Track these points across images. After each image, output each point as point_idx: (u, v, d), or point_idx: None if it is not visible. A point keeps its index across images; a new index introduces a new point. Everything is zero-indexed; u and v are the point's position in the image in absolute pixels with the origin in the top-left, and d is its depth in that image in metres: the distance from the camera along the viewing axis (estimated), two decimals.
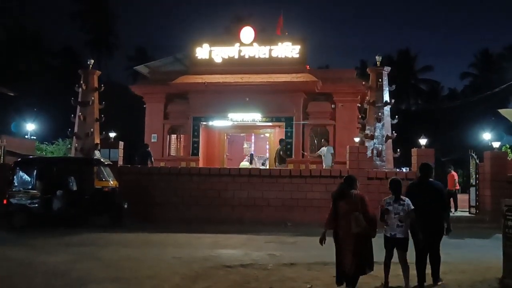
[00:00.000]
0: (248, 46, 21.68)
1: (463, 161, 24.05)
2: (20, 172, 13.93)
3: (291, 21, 47.11)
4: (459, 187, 19.49)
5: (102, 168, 14.08)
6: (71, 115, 18.95)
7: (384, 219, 6.73)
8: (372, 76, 18.23)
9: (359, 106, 21.35)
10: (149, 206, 15.05)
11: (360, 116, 20.73)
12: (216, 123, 21.95)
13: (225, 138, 23.09)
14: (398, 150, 18.55)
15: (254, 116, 21.21)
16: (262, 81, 20.79)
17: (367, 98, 18.56)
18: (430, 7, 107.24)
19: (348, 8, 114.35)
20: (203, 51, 22.03)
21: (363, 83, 19.44)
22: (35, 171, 13.82)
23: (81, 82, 18.66)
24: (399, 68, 42.07)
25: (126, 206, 13.86)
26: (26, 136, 27.11)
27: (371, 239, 6.45)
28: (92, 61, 19.41)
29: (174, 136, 23.38)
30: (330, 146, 17.98)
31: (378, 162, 17.08)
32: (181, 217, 14.78)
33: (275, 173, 15.46)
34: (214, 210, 15.00)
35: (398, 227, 6.67)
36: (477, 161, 16.49)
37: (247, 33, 21.98)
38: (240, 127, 22.59)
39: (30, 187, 13.68)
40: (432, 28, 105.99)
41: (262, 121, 21.45)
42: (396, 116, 18.54)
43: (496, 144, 18.18)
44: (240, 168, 16.70)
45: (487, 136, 30.23)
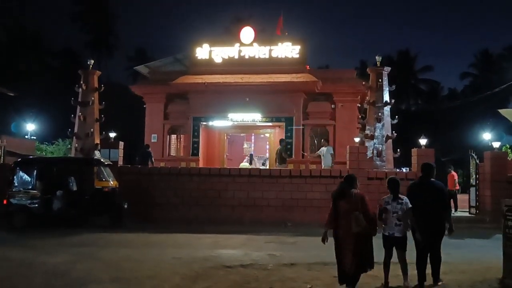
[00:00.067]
0: (248, 46, 21.68)
1: (463, 161, 24.04)
2: (20, 172, 13.92)
3: (291, 21, 47.21)
4: (459, 187, 19.48)
5: (102, 168, 14.08)
6: (71, 115, 18.97)
7: (382, 218, 6.74)
8: (372, 76, 18.24)
9: (359, 106, 21.36)
10: (149, 206, 15.05)
11: (360, 116, 20.74)
12: (216, 123, 21.95)
13: (225, 138, 23.09)
14: (398, 150, 18.56)
15: (254, 116, 21.21)
16: (262, 81, 20.80)
17: (367, 98, 18.57)
18: (430, 7, 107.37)
19: (348, 8, 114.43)
20: (203, 51, 22.04)
21: (363, 83, 19.44)
22: (35, 171, 13.81)
23: (81, 82, 18.68)
24: (399, 68, 42.04)
25: (126, 206, 13.85)
26: (26, 136, 27.11)
27: (371, 238, 6.46)
28: (92, 61, 19.43)
29: (174, 136, 23.39)
30: (330, 147, 17.98)
31: (378, 162, 17.09)
32: (181, 217, 14.78)
33: (275, 173, 15.46)
34: (214, 210, 14.99)
35: (396, 226, 6.70)
36: (477, 161, 16.48)
37: (247, 33, 21.98)
38: (240, 127, 22.59)
39: (30, 187, 13.67)
40: (432, 28, 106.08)
41: (262, 121, 21.44)
42: (396, 116, 18.54)
43: (496, 144, 18.16)
44: (240, 168, 16.69)
45: (487, 136, 30.23)
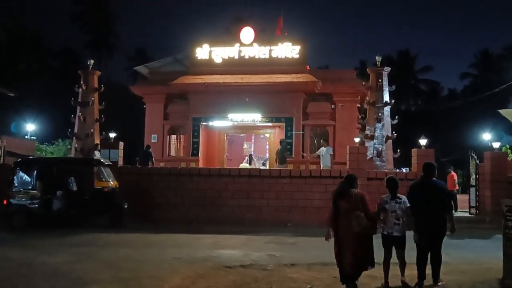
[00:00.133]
0: (248, 47, 21.70)
1: (463, 161, 24.03)
2: (20, 172, 13.92)
3: (291, 21, 47.14)
4: (458, 188, 19.48)
5: (102, 168, 14.08)
6: (71, 115, 18.97)
7: (380, 218, 6.75)
8: (372, 77, 18.24)
9: (359, 106, 21.36)
10: (149, 206, 15.05)
11: (360, 117, 20.74)
12: (216, 123, 21.95)
13: (225, 138, 23.10)
14: (398, 150, 18.57)
15: (254, 117, 21.22)
16: (262, 81, 20.81)
17: (367, 98, 18.56)
18: (430, 7, 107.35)
19: (348, 8, 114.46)
20: (203, 52, 22.05)
21: (363, 83, 19.44)
22: (35, 171, 13.81)
23: (81, 83, 18.69)
24: (399, 69, 42.04)
25: (126, 207, 13.85)
26: (26, 137, 27.09)
27: (372, 236, 6.48)
28: (92, 61, 19.43)
29: (174, 137, 23.40)
30: (329, 147, 17.96)
31: (378, 163, 17.09)
32: (181, 217, 14.78)
33: (275, 173, 15.45)
34: (214, 210, 14.99)
35: (395, 225, 6.70)
36: (477, 161, 16.47)
37: (247, 33, 21.99)
38: (240, 128, 22.59)
39: (30, 187, 13.66)
40: (432, 28, 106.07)
41: (262, 121, 21.45)
42: (396, 117, 18.54)
43: (496, 145, 18.18)
44: (240, 169, 16.69)
45: (487, 136, 30.25)
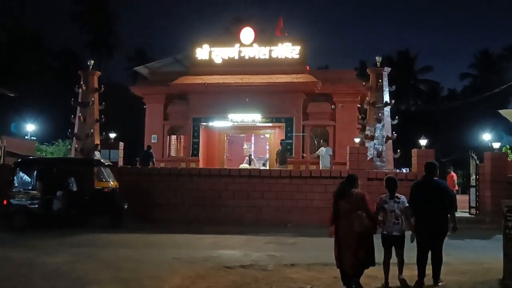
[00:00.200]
0: (248, 47, 21.70)
1: (463, 161, 24.03)
2: (20, 172, 13.91)
3: (291, 22, 47.26)
4: (458, 188, 19.47)
5: (102, 168, 14.07)
6: (71, 115, 18.98)
7: (379, 217, 6.75)
8: (372, 77, 18.25)
9: (359, 106, 21.35)
10: (149, 206, 15.04)
11: (360, 117, 20.73)
12: (216, 123, 21.96)
13: (225, 138, 23.10)
14: (398, 150, 18.57)
15: (254, 117, 21.22)
16: (262, 81, 20.81)
17: (367, 98, 18.57)
18: (430, 7, 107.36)
19: (348, 9, 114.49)
20: (203, 52, 22.05)
21: (363, 83, 19.45)
22: (35, 171, 13.80)
23: (81, 83, 18.70)
24: (399, 69, 42.06)
25: (126, 207, 13.84)
26: (26, 137, 27.10)
27: (372, 236, 6.50)
28: (92, 61, 19.45)
29: (174, 137, 23.41)
30: (329, 147, 17.96)
31: (378, 163, 17.09)
32: (181, 217, 14.77)
33: (275, 173, 15.45)
34: (214, 210, 14.98)
35: (394, 224, 6.71)
36: (477, 161, 16.46)
37: (247, 33, 22.00)
38: (240, 128, 22.60)
39: (30, 187, 13.65)
40: (432, 28, 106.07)
41: (262, 121, 21.46)
42: (396, 117, 18.55)
43: (496, 145, 18.18)
44: (240, 169, 16.68)
45: (487, 136, 30.25)
